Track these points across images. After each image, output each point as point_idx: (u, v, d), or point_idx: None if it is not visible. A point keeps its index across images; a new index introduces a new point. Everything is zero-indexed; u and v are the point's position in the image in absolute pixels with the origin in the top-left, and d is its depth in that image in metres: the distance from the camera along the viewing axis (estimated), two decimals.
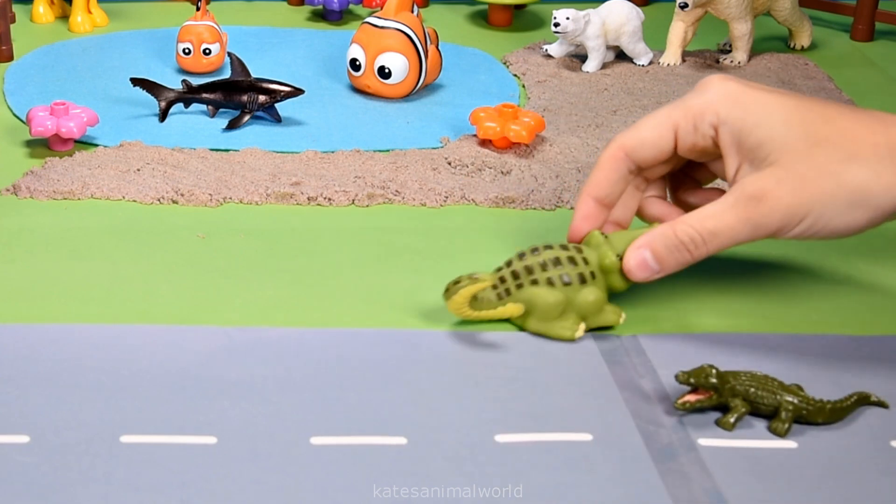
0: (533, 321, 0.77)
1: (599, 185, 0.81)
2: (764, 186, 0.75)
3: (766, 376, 0.70)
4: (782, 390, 0.69)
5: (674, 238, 0.77)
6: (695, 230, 0.76)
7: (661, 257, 0.77)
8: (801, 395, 0.69)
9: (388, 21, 1.07)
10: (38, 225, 0.88)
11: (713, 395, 0.69)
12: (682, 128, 0.78)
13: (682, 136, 0.79)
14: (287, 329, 0.76)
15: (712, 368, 0.69)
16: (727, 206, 0.76)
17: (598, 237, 0.79)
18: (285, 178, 0.94)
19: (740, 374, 0.70)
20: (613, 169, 0.80)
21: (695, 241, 0.76)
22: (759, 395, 0.69)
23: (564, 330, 0.77)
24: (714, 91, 0.78)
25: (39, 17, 1.24)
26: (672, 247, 0.77)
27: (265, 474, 0.64)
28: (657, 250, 0.77)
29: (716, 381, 0.69)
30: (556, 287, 0.76)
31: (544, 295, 0.76)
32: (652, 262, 0.77)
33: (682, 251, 0.77)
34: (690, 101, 0.79)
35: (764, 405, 0.69)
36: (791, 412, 0.69)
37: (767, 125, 0.75)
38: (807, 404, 0.69)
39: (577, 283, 0.77)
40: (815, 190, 0.74)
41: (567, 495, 0.64)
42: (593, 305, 0.77)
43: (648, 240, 0.77)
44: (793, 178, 0.74)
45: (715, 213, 0.76)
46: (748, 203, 0.75)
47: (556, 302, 0.76)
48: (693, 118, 0.78)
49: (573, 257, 0.77)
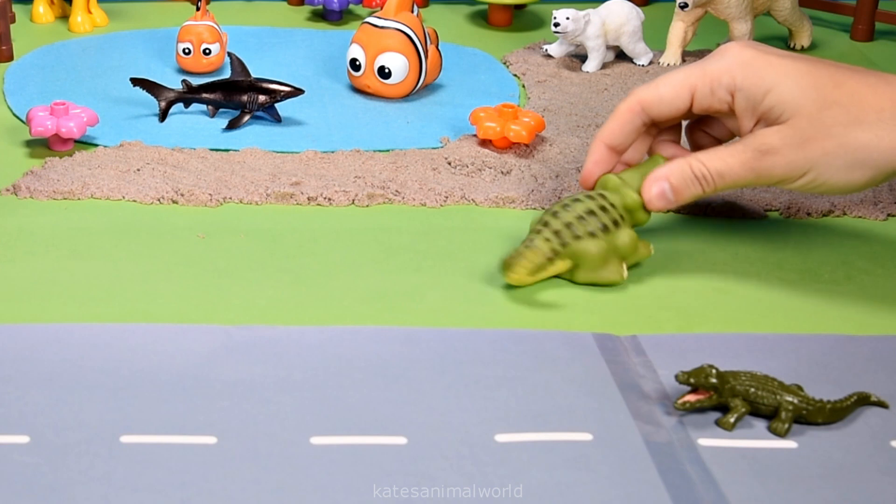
0: (582, 273, 0.82)
1: (613, 133, 0.86)
2: (770, 142, 0.81)
3: (766, 376, 0.70)
4: (782, 390, 0.69)
5: (689, 172, 0.83)
6: (707, 168, 0.82)
7: (677, 189, 0.83)
8: (801, 395, 0.69)
9: (388, 21, 1.07)
10: (38, 225, 0.88)
11: (713, 395, 0.69)
12: (700, 90, 0.84)
13: (698, 98, 0.84)
14: (287, 328, 0.76)
15: (712, 368, 0.69)
16: (736, 153, 0.82)
17: (614, 180, 0.84)
18: (285, 178, 0.94)
19: (740, 374, 0.70)
20: (628, 121, 0.86)
21: (706, 178, 0.83)
22: (759, 395, 0.69)
23: (613, 274, 0.82)
24: (731, 57, 0.83)
25: (39, 17, 1.24)
26: (687, 180, 0.83)
27: (265, 474, 0.64)
28: (674, 183, 0.83)
29: (716, 381, 0.69)
30: (598, 237, 0.81)
31: (589, 247, 0.81)
32: (669, 192, 0.83)
33: (695, 185, 0.83)
34: (709, 66, 0.84)
35: (764, 405, 0.69)
36: (791, 412, 0.69)
37: (780, 90, 0.81)
38: (807, 404, 0.69)
39: (612, 228, 0.82)
40: (818, 149, 0.80)
41: (567, 495, 0.64)
42: (630, 246, 0.83)
43: (666, 173, 0.83)
44: (798, 137, 0.80)
45: (724, 156, 0.83)
46: (754, 154, 0.81)
47: (600, 251, 0.81)
48: (710, 83, 0.83)
49: (603, 205, 0.83)
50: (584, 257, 0.81)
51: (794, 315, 0.81)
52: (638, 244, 0.83)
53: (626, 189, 0.84)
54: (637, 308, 0.81)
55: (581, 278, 0.82)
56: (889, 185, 0.97)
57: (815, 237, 0.89)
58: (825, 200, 0.95)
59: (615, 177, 0.85)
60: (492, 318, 0.79)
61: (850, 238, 0.91)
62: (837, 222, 0.93)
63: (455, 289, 0.82)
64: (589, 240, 0.81)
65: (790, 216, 0.94)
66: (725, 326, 0.80)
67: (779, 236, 0.91)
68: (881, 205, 0.95)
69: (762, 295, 0.83)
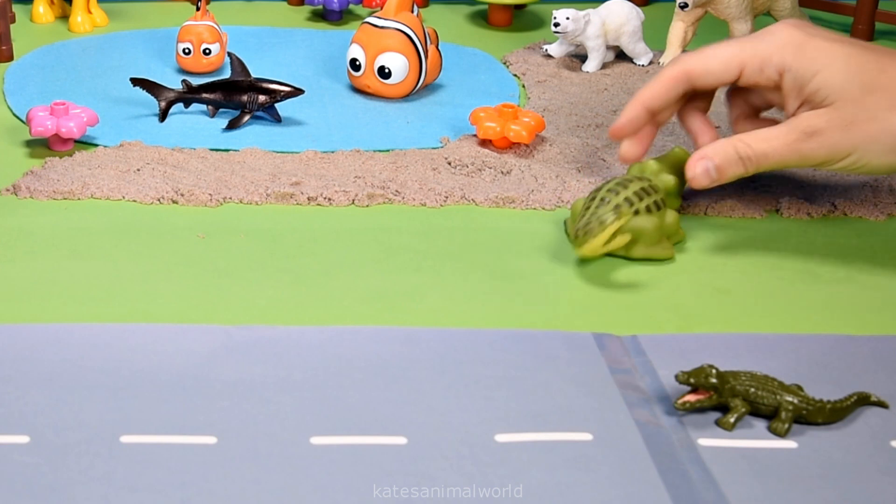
0: (639, 248, 0.85)
1: (654, 97, 0.89)
2: (815, 124, 0.84)
3: (766, 376, 0.70)
4: (782, 390, 0.69)
5: (733, 153, 0.86)
6: (751, 150, 0.86)
7: (721, 168, 0.86)
8: (801, 395, 0.69)
9: (388, 21, 1.07)
10: (38, 225, 0.88)
11: (713, 395, 0.69)
12: (749, 68, 0.87)
13: (746, 75, 0.87)
14: (287, 328, 0.76)
15: (712, 368, 0.69)
16: (781, 134, 0.85)
17: (653, 166, 0.89)
18: (285, 178, 0.94)
19: (740, 374, 0.70)
20: (671, 87, 0.89)
21: (750, 159, 0.86)
22: (759, 395, 0.69)
23: (666, 251, 0.86)
24: (781, 37, 0.86)
25: (39, 17, 1.24)
26: (731, 160, 0.86)
27: (265, 474, 0.64)
28: (718, 162, 0.86)
29: (716, 381, 0.69)
30: (653, 214, 0.85)
31: (648, 223, 0.85)
32: (713, 171, 0.86)
33: (738, 165, 0.86)
34: (758, 46, 0.87)
35: (764, 405, 0.69)
36: (791, 412, 0.69)
37: (827, 73, 0.84)
38: (807, 404, 0.69)
39: (663, 207, 0.86)
40: (861, 132, 0.84)
41: (567, 495, 0.64)
42: (675, 226, 0.87)
43: (711, 152, 0.86)
44: (842, 120, 0.84)
45: (769, 137, 0.86)
46: (799, 136, 0.85)
47: (656, 228, 0.85)
48: (760, 61, 0.86)
49: (652, 186, 0.86)
50: (642, 233, 0.85)
51: (794, 315, 0.81)
52: (679, 226, 0.88)
53: (665, 174, 0.89)
54: (637, 308, 0.81)
55: (637, 253, 0.86)
56: (889, 186, 0.97)
57: (815, 237, 0.89)
58: (825, 200, 0.95)
59: (654, 162, 0.89)
60: (492, 318, 0.79)
61: (850, 238, 0.91)
62: (837, 222, 0.93)
63: (455, 289, 0.83)
64: (646, 216, 0.85)
65: (790, 216, 0.94)
66: (725, 326, 0.80)
67: (779, 236, 0.91)
68: (881, 205, 0.95)
69: (762, 295, 0.83)
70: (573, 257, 0.87)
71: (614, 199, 0.84)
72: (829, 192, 0.96)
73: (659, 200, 0.86)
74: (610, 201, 0.84)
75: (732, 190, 0.95)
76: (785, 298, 0.83)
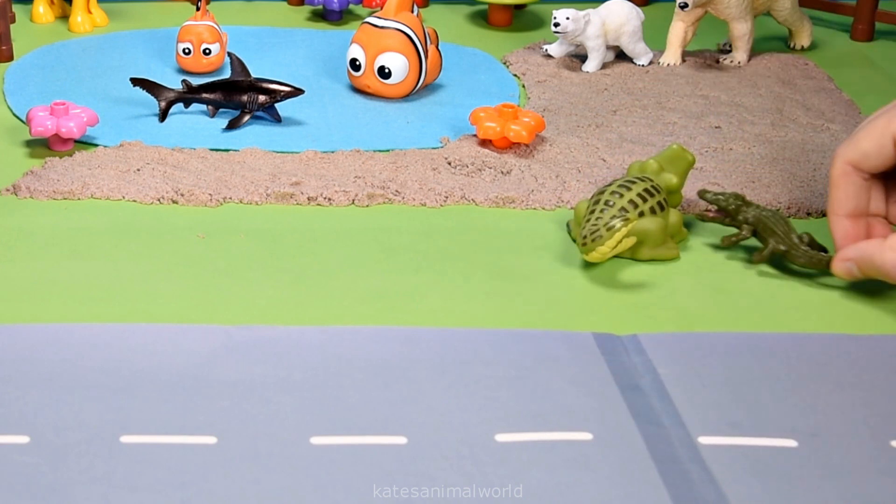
0: (645, 249, 0.86)
1: (842, 203, 0.84)
2: None
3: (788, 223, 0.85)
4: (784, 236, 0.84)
5: (878, 261, 0.80)
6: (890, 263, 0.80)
7: (864, 271, 0.82)
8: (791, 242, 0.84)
9: (388, 21, 1.07)
10: (38, 225, 0.88)
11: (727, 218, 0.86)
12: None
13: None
14: (287, 328, 0.76)
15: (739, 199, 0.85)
16: None
17: (653, 165, 0.89)
18: (285, 178, 0.94)
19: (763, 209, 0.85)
20: (849, 183, 0.84)
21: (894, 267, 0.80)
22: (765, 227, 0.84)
23: (671, 251, 0.87)
24: None
25: (39, 17, 1.24)
26: (873, 268, 0.81)
27: (265, 474, 0.64)
28: (861, 266, 0.82)
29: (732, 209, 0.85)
30: (657, 215, 0.86)
31: (653, 225, 0.85)
32: (855, 271, 0.82)
33: (880, 272, 0.81)
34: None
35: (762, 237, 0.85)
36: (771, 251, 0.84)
37: None
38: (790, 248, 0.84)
39: (667, 208, 0.87)
40: None
41: (567, 495, 0.64)
42: (678, 225, 0.88)
43: (855, 255, 0.82)
44: None
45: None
46: None
47: (661, 229, 0.86)
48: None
49: (655, 186, 0.87)
50: (648, 235, 0.85)
51: (795, 315, 0.81)
52: (681, 224, 0.89)
53: (666, 174, 0.89)
54: (637, 308, 0.81)
55: (644, 255, 0.86)
56: None
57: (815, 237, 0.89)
58: (825, 200, 0.95)
59: (654, 162, 0.89)
60: (492, 318, 0.79)
61: None
62: None
63: (455, 289, 0.83)
64: (651, 218, 0.85)
65: (790, 216, 0.94)
66: (725, 326, 0.80)
67: None
68: None
69: (762, 295, 0.83)
70: (573, 257, 0.87)
71: (619, 201, 0.84)
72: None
73: (662, 201, 0.87)
74: (615, 204, 0.84)
75: (733, 190, 0.95)
76: (785, 298, 0.83)
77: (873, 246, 0.81)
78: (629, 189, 0.85)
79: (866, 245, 0.81)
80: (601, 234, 0.82)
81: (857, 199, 0.84)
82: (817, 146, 1.04)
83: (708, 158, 1.01)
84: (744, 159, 1.01)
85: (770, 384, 0.73)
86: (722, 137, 1.04)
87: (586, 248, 0.83)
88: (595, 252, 0.83)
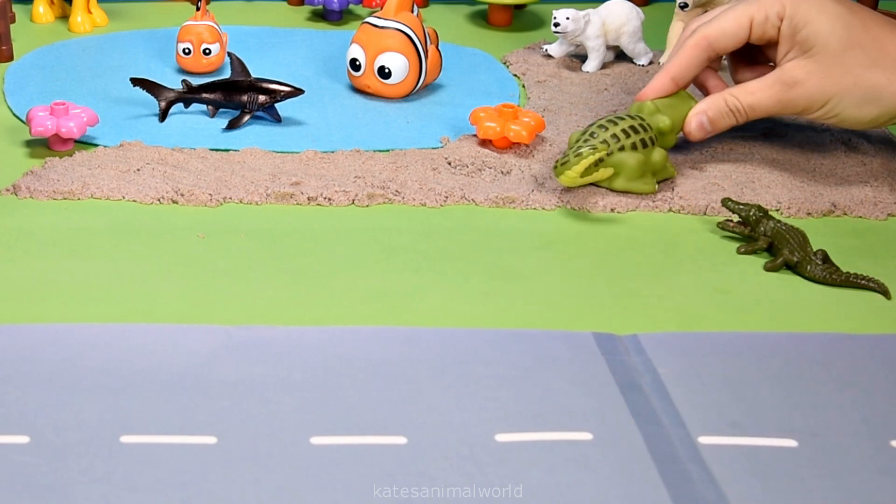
0: (620, 181, 0.93)
1: (680, 67, 0.97)
2: (797, 75, 0.94)
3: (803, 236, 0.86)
4: (800, 249, 0.85)
5: (724, 106, 0.96)
6: (740, 102, 0.96)
7: (714, 121, 0.97)
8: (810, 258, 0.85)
9: (388, 21, 1.07)
10: (38, 225, 0.88)
11: (747, 228, 0.88)
12: (756, 19, 0.95)
13: (755, 27, 0.95)
14: (287, 328, 0.76)
15: (760, 211, 0.88)
16: (766, 86, 0.95)
17: (650, 106, 0.96)
18: (285, 178, 0.94)
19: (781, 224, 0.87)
20: (695, 56, 0.97)
21: (739, 111, 0.96)
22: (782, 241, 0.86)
23: (647, 185, 0.94)
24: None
25: (39, 17, 1.24)
26: (723, 113, 0.96)
27: (265, 474, 0.64)
28: (711, 115, 0.96)
29: (753, 220, 0.88)
30: (638, 150, 0.92)
31: (630, 158, 0.92)
32: (707, 124, 0.97)
33: (729, 117, 0.96)
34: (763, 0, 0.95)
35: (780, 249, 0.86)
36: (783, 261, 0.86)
37: (817, 25, 0.93)
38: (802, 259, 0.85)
39: (650, 146, 0.93)
40: (837, 84, 0.93)
41: (567, 495, 0.64)
42: (661, 164, 0.94)
43: (705, 107, 0.97)
44: (822, 72, 0.93)
45: (756, 89, 0.95)
46: (782, 86, 0.94)
47: (639, 163, 0.92)
48: (765, 11, 0.95)
49: (642, 125, 0.93)
50: (624, 167, 0.92)
51: (794, 315, 0.81)
52: (667, 163, 0.94)
53: (660, 115, 0.95)
54: (637, 308, 0.81)
55: (618, 186, 0.93)
56: (889, 186, 0.97)
57: (815, 237, 0.89)
58: (825, 200, 0.95)
59: (651, 103, 0.96)
60: (492, 318, 0.79)
61: (850, 238, 0.91)
62: (837, 222, 0.93)
63: (455, 289, 0.83)
64: (630, 152, 0.92)
65: (790, 216, 0.94)
66: (725, 326, 0.80)
67: None
68: (881, 205, 0.95)
69: (762, 295, 0.83)
70: (573, 257, 0.87)
71: (602, 133, 0.92)
72: (829, 192, 0.96)
73: (647, 139, 0.93)
74: (597, 136, 0.92)
75: (732, 190, 0.95)
76: (785, 298, 0.83)
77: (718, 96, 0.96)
78: (615, 124, 0.93)
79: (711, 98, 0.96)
80: (569, 160, 0.90)
81: (692, 70, 0.97)
82: (817, 146, 1.04)
83: (708, 158, 1.01)
84: (744, 159, 1.01)
85: (770, 384, 0.73)
86: (722, 137, 1.04)
87: (556, 172, 0.91)
88: (563, 176, 0.90)
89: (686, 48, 0.97)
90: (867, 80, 0.93)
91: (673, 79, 0.97)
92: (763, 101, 0.95)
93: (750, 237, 0.88)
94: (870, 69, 0.93)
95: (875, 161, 1.01)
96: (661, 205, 0.94)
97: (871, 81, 0.93)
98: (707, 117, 0.96)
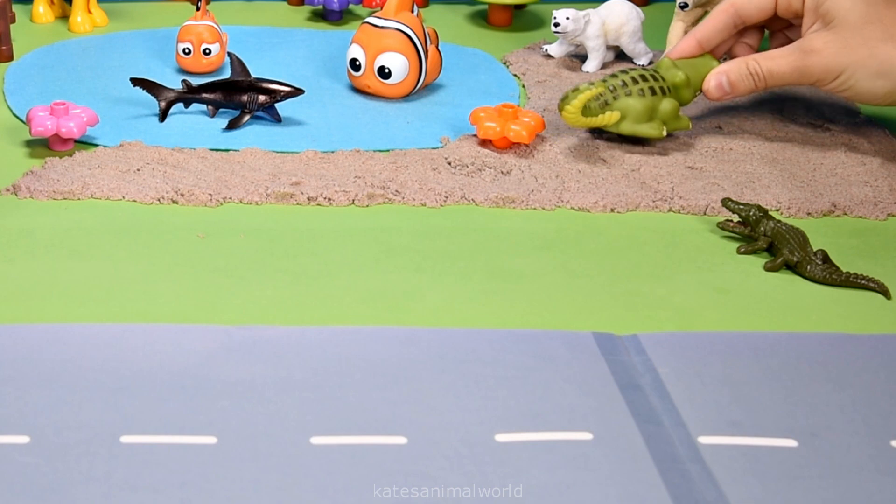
0: (626, 124, 0.98)
1: (706, 31, 1.02)
2: (815, 44, 0.97)
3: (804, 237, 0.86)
4: (800, 248, 0.85)
5: (745, 69, 0.99)
6: (760, 67, 0.99)
7: (734, 83, 1.00)
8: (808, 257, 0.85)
9: (388, 21, 1.07)
10: (38, 225, 0.88)
11: (747, 228, 0.88)
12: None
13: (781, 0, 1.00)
14: (287, 328, 0.76)
15: (760, 211, 0.88)
16: (786, 54, 0.99)
17: (667, 62, 1.01)
18: (285, 178, 0.94)
19: (782, 224, 0.87)
20: (721, 21, 1.02)
21: (759, 75, 0.99)
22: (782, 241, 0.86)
23: (653, 129, 0.98)
24: None
25: (39, 17, 1.24)
26: (743, 76, 0.99)
27: (265, 474, 0.64)
28: (731, 77, 1.00)
29: (753, 220, 0.88)
30: (645, 97, 0.98)
31: (635, 103, 0.98)
32: (726, 85, 1.00)
33: (748, 80, 0.99)
34: None
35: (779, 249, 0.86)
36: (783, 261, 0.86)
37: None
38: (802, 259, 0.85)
39: (660, 94, 0.98)
40: (852, 55, 0.96)
41: (567, 495, 0.64)
42: (671, 112, 0.99)
43: (726, 68, 1.00)
44: (839, 43, 0.96)
45: (776, 55, 0.99)
46: (800, 54, 0.98)
47: (644, 108, 0.98)
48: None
49: (654, 75, 0.99)
50: (629, 110, 0.97)
51: (794, 315, 0.81)
52: (679, 115, 1.00)
53: (676, 69, 1.00)
54: (637, 308, 0.81)
55: (624, 128, 0.98)
56: (889, 186, 0.97)
57: (815, 237, 0.89)
58: (825, 200, 0.95)
59: (668, 59, 1.01)
60: (492, 318, 0.79)
61: (850, 238, 0.91)
62: (837, 222, 0.93)
63: (455, 289, 0.83)
64: (637, 97, 0.97)
65: (790, 216, 0.94)
66: (725, 326, 0.80)
67: None
68: (881, 205, 0.95)
69: (762, 295, 0.83)
70: (573, 257, 0.87)
71: (611, 80, 0.97)
72: (829, 192, 0.96)
73: (657, 87, 0.98)
74: (607, 82, 0.97)
75: (732, 190, 0.95)
76: (785, 298, 0.83)
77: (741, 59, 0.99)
78: (626, 73, 0.98)
79: (734, 61, 0.99)
80: (568, 95, 0.95)
81: (717, 34, 1.02)
82: (817, 146, 1.04)
83: (708, 158, 1.01)
84: (744, 159, 1.01)
85: (770, 384, 0.73)
86: (722, 137, 1.04)
87: (559, 108, 0.96)
88: (564, 111, 0.95)
89: (713, 13, 1.02)
90: (882, 53, 0.96)
91: (698, 41, 1.01)
92: (781, 67, 0.98)
93: (750, 237, 0.89)
94: (885, 43, 0.95)
95: (875, 161, 1.01)
96: (661, 205, 0.94)
97: (886, 55, 0.96)
98: (727, 78, 0.99)
